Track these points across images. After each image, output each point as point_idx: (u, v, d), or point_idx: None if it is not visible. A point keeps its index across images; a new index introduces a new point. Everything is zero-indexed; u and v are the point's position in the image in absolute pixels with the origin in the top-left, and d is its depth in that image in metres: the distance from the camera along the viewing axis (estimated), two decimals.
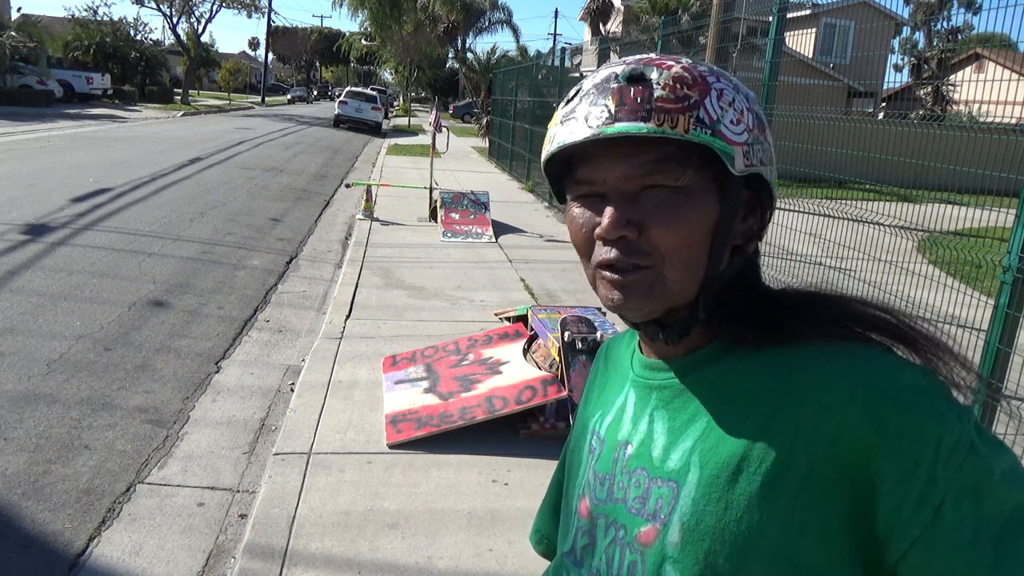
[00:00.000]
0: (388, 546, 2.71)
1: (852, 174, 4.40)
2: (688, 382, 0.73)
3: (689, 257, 0.68)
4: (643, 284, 0.68)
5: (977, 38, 20.53)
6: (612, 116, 0.66)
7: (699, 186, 0.68)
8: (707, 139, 0.65)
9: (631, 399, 0.79)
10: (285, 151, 17.71)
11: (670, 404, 0.74)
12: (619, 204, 0.68)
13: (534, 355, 3.98)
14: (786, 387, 0.67)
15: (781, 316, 0.71)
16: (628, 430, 0.77)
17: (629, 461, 0.75)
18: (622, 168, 0.67)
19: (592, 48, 17.77)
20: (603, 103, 0.66)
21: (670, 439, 0.72)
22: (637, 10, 26.00)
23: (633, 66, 0.68)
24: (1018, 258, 2.90)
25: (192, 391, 4.17)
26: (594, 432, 0.83)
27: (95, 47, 35.03)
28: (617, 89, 0.66)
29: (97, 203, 8.90)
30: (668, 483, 0.70)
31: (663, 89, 0.65)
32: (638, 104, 0.65)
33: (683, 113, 0.65)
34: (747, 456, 0.66)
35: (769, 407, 0.66)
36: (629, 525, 0.72)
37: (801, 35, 15.69)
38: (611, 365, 0.89)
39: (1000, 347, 2.97)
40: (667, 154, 0.66)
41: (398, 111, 45.66)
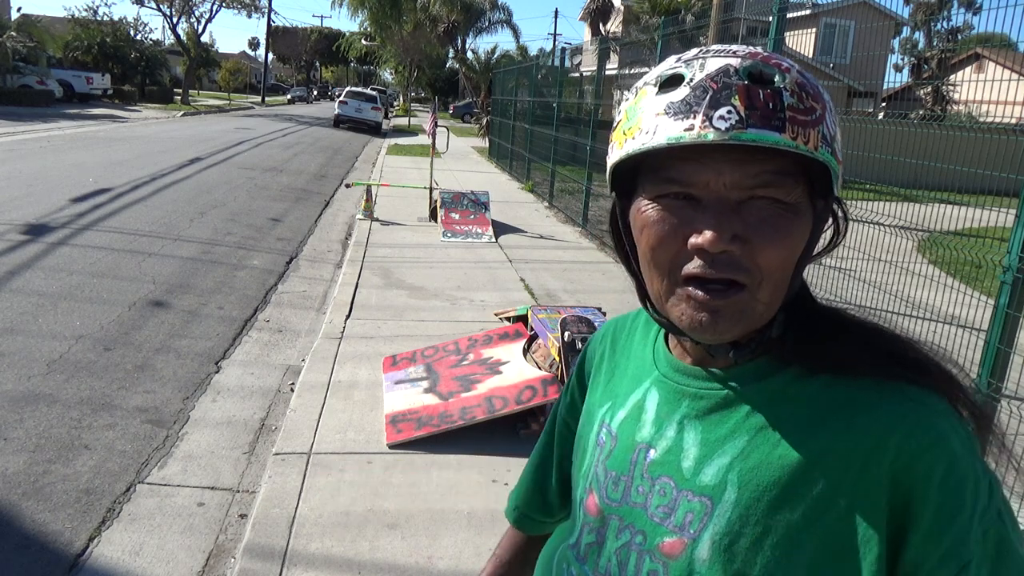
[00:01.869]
0: (388, 546, 2.71)
1: (852, 174, 4.40)
2: (730, 396, 0.70)
3: (782, 277, 0.65)
4: (736, 307, 0.64)
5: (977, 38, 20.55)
6: (743, 120, 0.60)
7: (803, 203, 0.64)
8: (829, 158, 0.63)
9: (653, 399, 0.76)
10: (285, 151, 17.71)
11: (707, 416, 0.71)
12: (724, 214, 0.62)
13: (534, 355, 3.98)
14: (840, 421, 0.65)
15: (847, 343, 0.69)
16: (650, 433, 0.74)
17: (652, 467, 0.72)
18: (735, 175, 0.62)
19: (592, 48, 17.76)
20: (731, 103, 0.60)
21: (704, 452, 0.69)
22: (637, 10, 25.99)
23: (752, 62, 0.63)
24: (1018, 258, 2.90)
25: (192, 391, 4.17)
26: (603, 424, 0.80)
27: (95, 47, 35.04)
28: (744, 88, 0.61)
29: (97, 203, 8.90)
30: (701, 498, 0.68)
31: (792, 96, 0.61)
32: (770, 111, 0.60)
33: (813, 127, 0.61)
34: (793, 485, 0.64)
35: (822, 439, 0.65)
36: (650, 532, 0.71)
37: (801, 35, 15.68)
38: (621, 352, 0.86)
39: (1000, 347, 2.97)
40: (784, 166, 0.62)
41: (398, 111, 45.67)
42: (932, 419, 0.63)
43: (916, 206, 4.08)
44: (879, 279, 4.50)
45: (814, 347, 0.69)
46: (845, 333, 0.70)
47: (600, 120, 9.60)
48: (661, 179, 0.65)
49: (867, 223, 4.26)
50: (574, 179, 10.74)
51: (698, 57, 0.65)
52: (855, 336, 0.69)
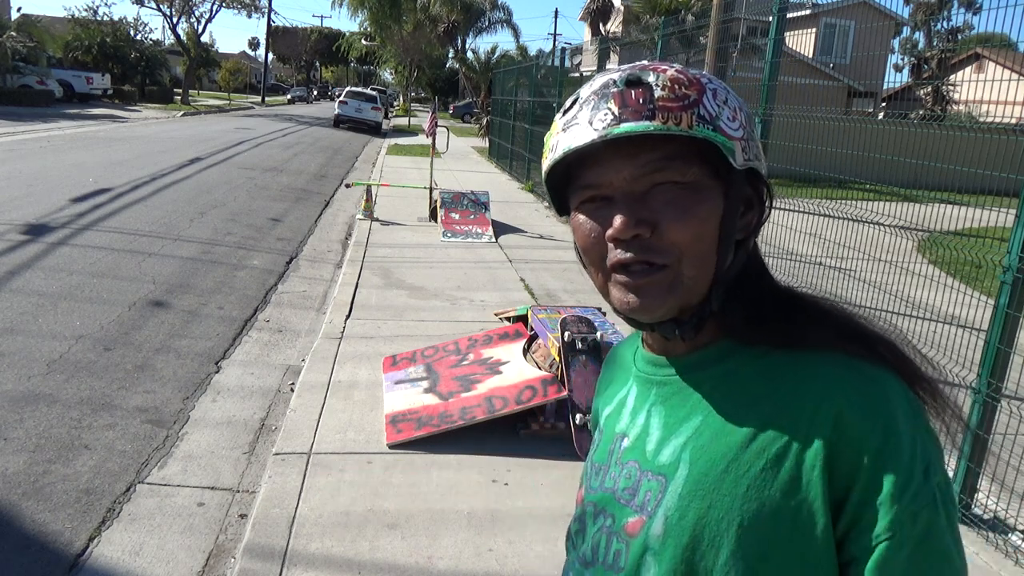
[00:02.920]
0: (388, 546, 2.71)
1: (852, 174, 4.40)
2: (690, 379, 0.75)
3: (703, 251, 0.69)
4: (662, 284, 0.69)
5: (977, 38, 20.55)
6: (617, 118, 0.67)
7: (704, 182, 0.69)
8: (710, 134, 0.67)
9: (632, 393, 0.82)
10: (285, 151, 17.71)
11: (669, 400, 0.76)
12: (629, 204, 0.68)
13: (534, 355, 3.98)
14: (787, 393, 0.68)
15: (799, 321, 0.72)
16: (626, 423, 0.79)
17: (624, 453, 0.77)
18: (629, 168, 0.68)
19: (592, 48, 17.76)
20: (606, 107, 0.68)
21: (664, 434, 0.74)
22: (637, 10, 25.99)
23: (629, 71, 0.70)
24: (1018, 258, 2.90)
25: (192, 391, 4.17)
26: (597, 426, 0.88)
27: (95, 47, 35.03)
28: (618, 93, 0.68)
29: (97, 203, 8.90)
30: (658, 477, 0.72)
31: (662, 90, 0.67)
32: (640, 105, 0.67)
33: (685, 111, 0.67)
34: (737, 457, 0.68)
35: (767, 411, 0.68)
36: (618, 515, 0.75)
37: (801, 35, 15.69)
38: (617, 364, 0.91)
39: (1000, 347, 2.97)
40: (672, 151, 0.68)
41: (398, 111, 45.66)
42: (873, 388, 0.66)
43: (916, 206, 4.08)
44: (879, 279, 4.50)
45: (768, 326, 0.72)
46: (800, 312, 0.74)
47: None
48: (577, 188, 0.73)
49: (867, 223, 4.26)
50: None
51: (592, 79, 0.73)
52: (809, 315, 0.73)
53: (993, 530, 3.05)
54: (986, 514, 3.15)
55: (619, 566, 0.73)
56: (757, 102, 4.86)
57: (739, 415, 0.70)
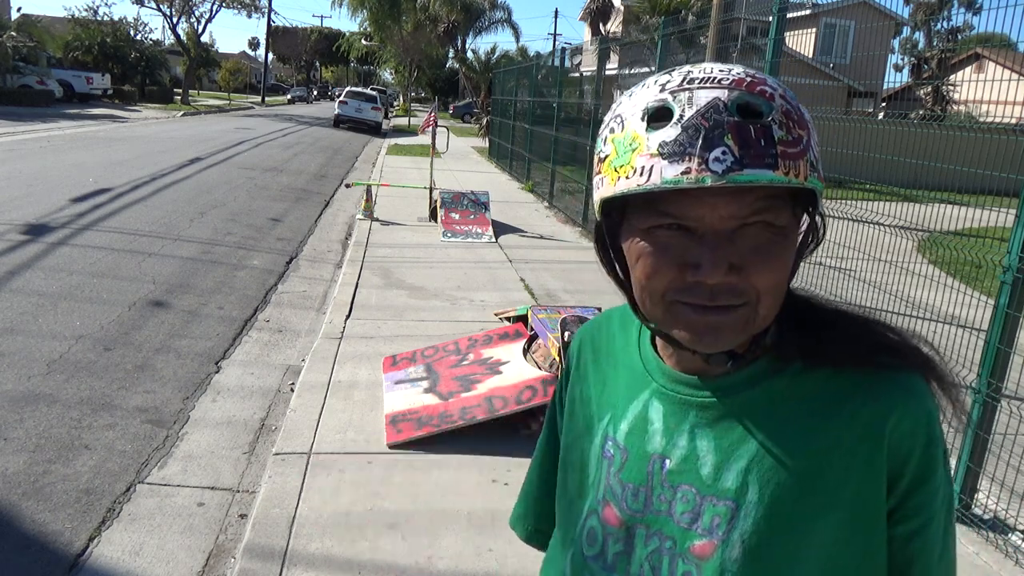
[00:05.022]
0: (388, 546, 2.71)
1: (852, 174, 4.40)
2: (736, 401, 0.74)
3: (779, 292, 0.69)
4: (737, 323, 0.67)
5: (977, 38, 20.55)
6: (739, 160, 0.61)
7: (791, 224, 0.68)
8: (816, 183, 0.65)
9: (657, 410, 0.78)
10: (285, 151, 17.72)
11: (717, 423, 0.74)
12: (720, 246, 0.64)
13: (534, 355, 3.98)
14: (844, 413, 0.72)
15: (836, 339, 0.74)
16: (661, 444, 0.77)
17: (670, 476, 0.76)
18: (730, 208, 0.64)
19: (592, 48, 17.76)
20: (723, 143, 0.61)
21: (720, 458, 0.73)
22: (637, 10, 25.99)
23: (739, 93, 0.63)
24: (1018, 258, 2.90)
25: (192, 391, 4.17)
26: (607, 437, 0.82)
27: (95, 47, 35.04)
28: (735, 126, 0.62)
29: (97, 203, 8.90)
30: (725, 501, 0.72)
31: (780, 128, 0.63)
32: (763, 148, 0.62)
33: (801, 158, 0.63)
34: (810, 477, 0.71)
35: (831, 433, 0.71)
36: (679, 537, 0.74)
37: (801, 35, 15.68)
38: (607, 360, 0.87)
39: (1000, 347, 2.97)
40: (772, 192, 0.64)
41: (398, 111, 45.66)
42: (918, 402, 0.72)
43: (916, 206, 4.08)
44: (879, 279, 4.50)
45: (810, 344, 0.73)
46: (834, 328, 0.75)
47: (600, 120, 9.59)
48: (656, 212, 0.66)
49: (867, 223, 4.26)
50: (574, 179, 10.74)
51: (684, 88, 0.65)
52: (845, 329, 0.75)
53: (993, 530, 3.05)
54: (986, 514, 3.15)
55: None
56: None
57: (802, 437, 0.71)
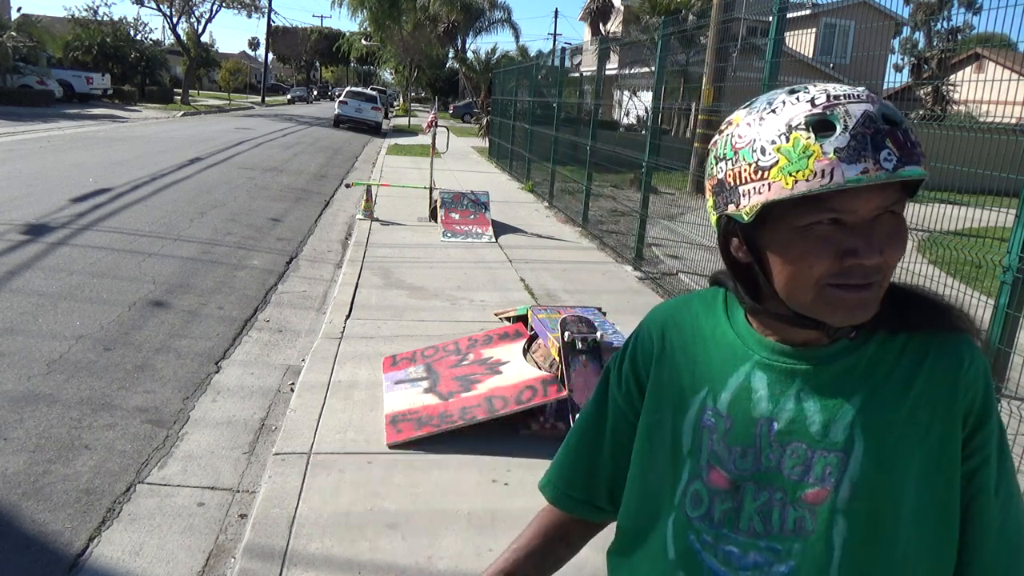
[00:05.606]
0: (388, 546, 2.71)
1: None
2: (836, 368, 0.87)
3: None
4: (877, 297, 0.81)
5: (977, 38, 20.52)
6: (900, 160, 0.75)
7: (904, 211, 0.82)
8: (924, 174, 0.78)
9: (760, 380, 0.89)
10: (285, 151, 17.72)
11: (821, 387, 0.87)
12: (872, 235, 0.78)
13: (534, 355, 3.98)
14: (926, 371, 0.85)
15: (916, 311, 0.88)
16: (768, 408, 0.88)
17: (779, 436, 0.87)
18: (879, 200, 0.78)
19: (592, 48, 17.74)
20: (887, 146, 0.75)
21: (827, 416, 0.85)
22: (637, 10, 25.99)
23: (880, 106, 0.77)
24: (1018, 258, 2.90)
25: (192, 391, 4.17)
26: (705, 408, 0.92)
27: (95, 47, 35.03)
28: (890, 131, 0.76)
29: (97, 203, 8.90)
30: (835, 452, 0.84)
31: (912, 133, 0.77)
32: (910, 148, 0.76)
33: (923, 155, 0.77)
34: (904, 427, 0.84)
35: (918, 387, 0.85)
36: (790, 489, 0.86)
37: (801, 35, 15.69)
38: (694, 341, 0.97)
39: (1000, 347, 2.97)
40: (899, 186, 0.79)
41: (398, 111, 45.65)
42: (977, 356, 0.87)
43: (916, 206, 4.07)
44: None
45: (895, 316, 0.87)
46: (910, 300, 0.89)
47: (600, 120, 9.58)
48: (819, 209, 0.78)
49: None
50: (574, 179, 10.74)
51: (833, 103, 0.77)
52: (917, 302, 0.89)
53: None
54: None
55: (806, 530, 0.85)
56: None
57: (896, 393, 0.85)
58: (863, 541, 0.83)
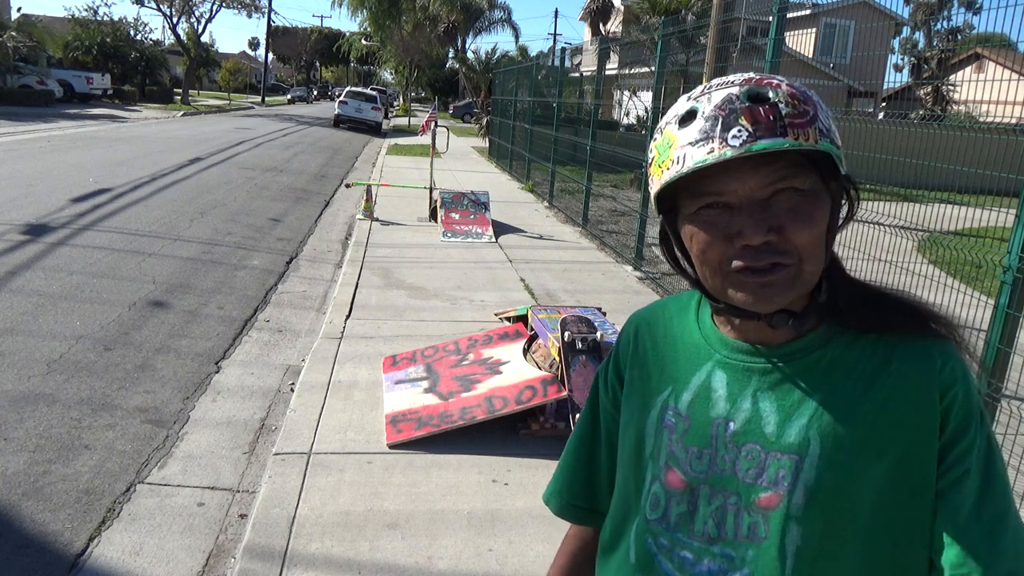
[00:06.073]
0: (388, 546, 2.71)
1: (852, 174, 4.39)
2: (795, 366, 0.83)
3: (818, 249, 0.78)
4: (786, 280, 0.77)
5: (977, 38, 20.53)
6: (752, 135, 0.73)
7: (818, 187, 0.78)
8: (829, 147, 0.76)
9: (720, 379, 0.87)
10: (285, 151, 17.71)
11: (778, 386, 0.83)
12: (757, 212, 0.76)
13: (534, 355, 3.98)
14: (893, 373, 0.80)
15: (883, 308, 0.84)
16: (725, 408, 0.85)
17: (735, 436, 0.83)
18: (757, 179, 0.76)
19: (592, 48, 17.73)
20: (739, 124, 0.74)
21: (783, 417, 0.82)
22: (637, 10, 25.98)
23: (748, 87, 0.76)
24: (1018, 258, 2.90)
25: (192, 391, 4.17)
26: (667, 407, 0.90)
27: (95, 47, 35.03)
28: (747, 109, 0.74)
29: (97, 203, 8.90)
30: (789, 455, 0.80)
31: (786, 106, 0.75)
32: (772, 122, 0.74)
33: (809, 126, 0.75)
34: (865, 431, 0.79)
35: (883, 391, 0.80)
36: (743, 492, 0.82)
37: (801, 35, 15.68)
38: (665, 342, 0.95)
39: (1000, 347, 2.97)
40: (793, 161, 0.76)
41: (398, 111, 45.65)
42: (953, 361, 0.81)
43: (916, 206, 4.08)
44: (879, 279, 4.49)
45: (863, 314, 0.83)
46: (882, 301, 0.85)
47: (600, 120, 9.58)
48: (698, 195, 0.79)
49: (867, 223, 4.26)
50: (574, 179, 10.74)
51: (704, 92, 0.78)
52: (889, 303, 0.85)
53: None
54: None
55: (759, 536, 0.81)
56: None
57: (858, 394, 0.80)
58: (818, 551, 0.78)
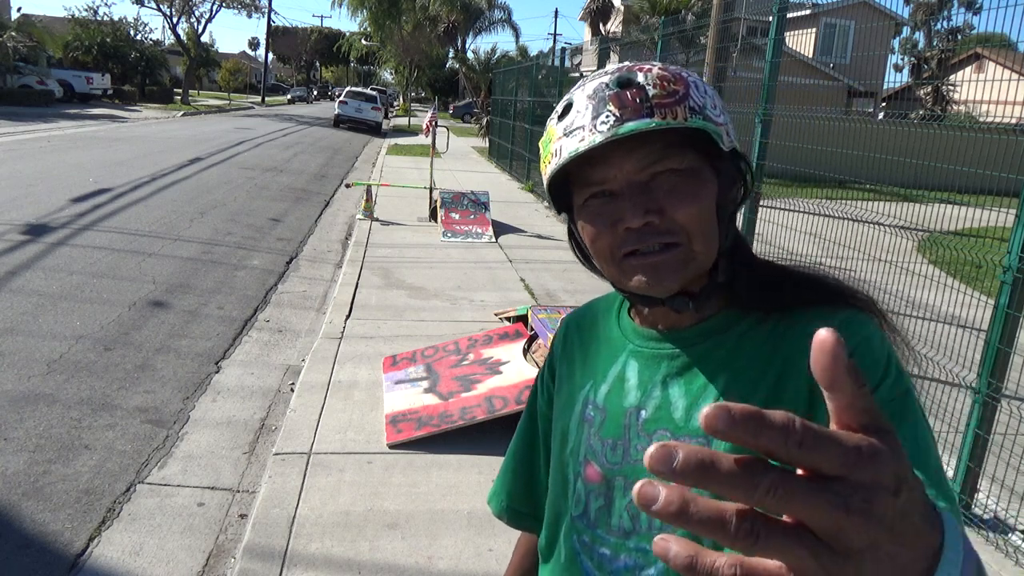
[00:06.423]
0: (388, 546, 2.71)
1: (852, 174, 4.40)
2: (701, 348, 0.82)
3: (707, 228, 0.77)
4: (676, 261, 0.77)
5: (977, 38, 20.54)
6: (619, 119, 0.73)
7: (698, 166, 0.77)
8: (701, 124, 0.74)
9: (632, 368, 0.86)
10: (285, 151, 17.71)
11: (686, 371, 0.82)
12: (636, 195, 0.76)
13: (534, 355, 3.98)
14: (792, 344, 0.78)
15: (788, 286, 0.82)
16: (637, 397, 0.84)
17: (646, 424, 0.82)
18: (632, 162, 0.76)
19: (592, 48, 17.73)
20: (606, 110, 0.74)
21: (690, 401, 0.80)
22: (637, 10, 25.99)
23: (619, 74, 0.76)
24: (1018, 258, 2.90)
25: (192, 391, 4.17)
26: (587, 402, 0.88)
27: (95, 47, 35.04)
28: (615, 95, 0.74)
29: (97, 203, 8.90)
30: (696, 439, 0.77)
31: (654, 88, 0.74)
32: (638, 104, 0.73)
33: (678, 105, 0.74)
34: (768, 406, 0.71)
35: (780, 364, 0.78)
36: None
37: (801, 35, 15.69)
38: (590, 337, 0.94)
39: (1000, 347, 2.97)
40: (668, 142, 0.75)
41: (398, 111, 45.65)
42: (857, 326, 0.77)
43: (916, 206, 4.08)
44: (879, 279, 4.50)
45: (766, 294, 0.81)
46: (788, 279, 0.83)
47: None
48: (584, 185, 0.79)
49: (867, 223, 4.26)
50: None
51: (580, 85, 0.79)
52: (795, 280, 0.83)
53: (993, 530, 3.05)
54: (986, 514, 3.15)
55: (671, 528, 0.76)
56: (757, 102, 4.86)
57: (760, 373, 0.78)
58: None
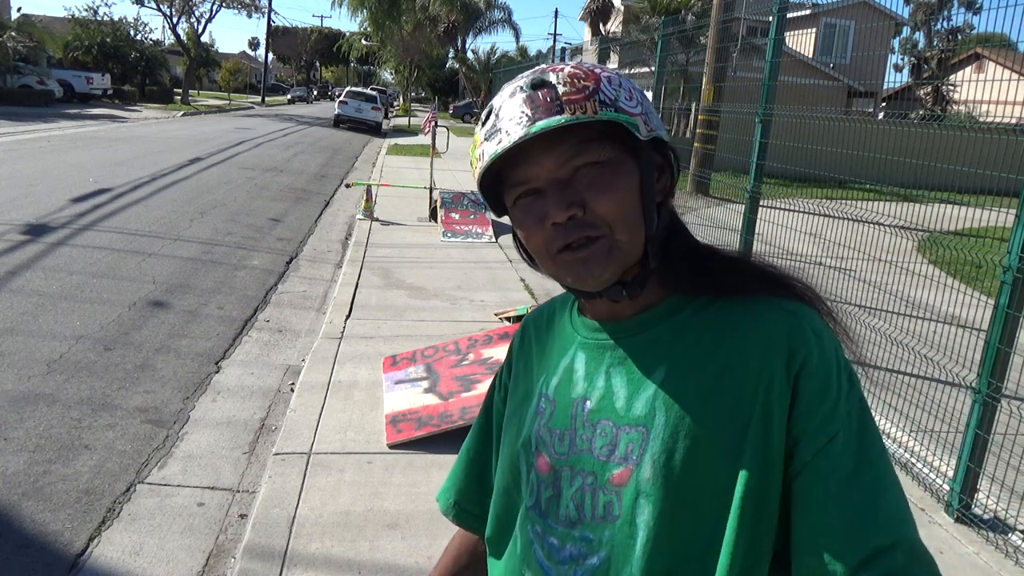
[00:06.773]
0: (388, 546, 2.71)
1: (852, 174, 4.40)
2: (643, 337, 0.84)
3: (630, 217, 0.79)
4: (601, 252, 0.78)
5: (977, 38, 20.53)
6: (531, 118, 0.76)
7: (618, 157, 0.78)
8: (612, 115, 0.76)
9: (580, 360, 0.87)
10: (285, 151, 17.71)
11: (628, 360, 0.83)
12: (559, 190, 0.78)
13: None
14: (737, 335, 0.79)
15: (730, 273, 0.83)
16: (583, 388, 0.85)
17: (590, 415, 0.83)
18: (552, 159, 0.77)
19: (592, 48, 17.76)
20: (520, 111, 0.77)
21: (631, 390, 0.81)
22: (637, 10, 25.99)
23: (532, 76, 0.79)
24: (1018, 258, 2.90)
25: (192, 391, 4.17)
26: (540, 395, 0.90)
27: (95, 47, 35.04)
28: (527, 97, 0.77)
29: (97, 203, 8.90)
30: (637, 428, 0.79)
31: (564, 86, 0.76)
32: (549, 103, 0.76)
33: (588, 100, 0.76)
34: (709, 397, 0.77)
35: (725, 353, 0.79)
36: (599, 471, 0.81)
37: (801, 35, 15.70)
38: (547, 334, 0.96)
39: (1000, 347, 2.97)
40: (585, 137, 0.77)
41: (398, 111, 45.66)
42: (806, 323, 0.79)
43: (916, 206, 4.08)
44: (879, 279, 4.50)
45: (709, 279, 0.83)
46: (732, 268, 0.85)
47: None
48: (511, 186, 0.81)
49: (867, 223, 4.26)
50: None
51: (500, 92, 0.81)
52: (739, 267, 0.85)
53: (993, 530, 3.05)
54: (986, 514, 3.15)
55: (613, 515, 0.79)
56: (757, 102, 4.86)
57: (701, 361, 0.79)
58: (670, 528, 0.75)
